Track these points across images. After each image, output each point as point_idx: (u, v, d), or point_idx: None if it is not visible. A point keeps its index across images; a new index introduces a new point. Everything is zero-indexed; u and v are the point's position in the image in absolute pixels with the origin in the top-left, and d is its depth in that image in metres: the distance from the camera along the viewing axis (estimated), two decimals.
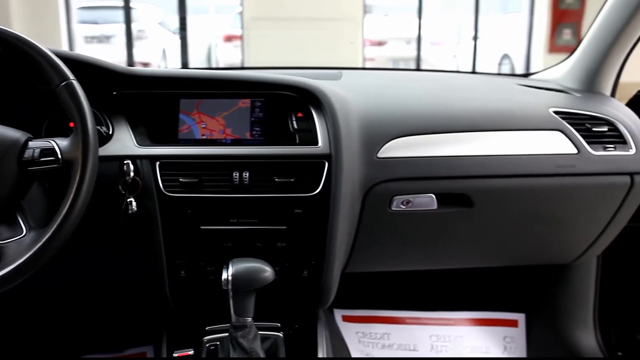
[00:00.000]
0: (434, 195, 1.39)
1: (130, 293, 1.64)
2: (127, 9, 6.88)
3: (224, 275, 1.13)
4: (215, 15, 11.11)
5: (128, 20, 6.88)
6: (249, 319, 1.16)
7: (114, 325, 1.83)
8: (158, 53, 8.98)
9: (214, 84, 1.36)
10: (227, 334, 1.21)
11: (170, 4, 7.14)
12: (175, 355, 1.29)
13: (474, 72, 5.95)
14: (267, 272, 1.15)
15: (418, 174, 1.37)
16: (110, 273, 1.47)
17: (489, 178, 1.41)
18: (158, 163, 1.25)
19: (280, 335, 1.33)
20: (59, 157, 1.04)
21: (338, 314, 2.02)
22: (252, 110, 1.33)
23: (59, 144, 1.05)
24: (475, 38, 7.69)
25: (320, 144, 1.29)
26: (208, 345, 1.30)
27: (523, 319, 2.01)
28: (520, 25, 7.51)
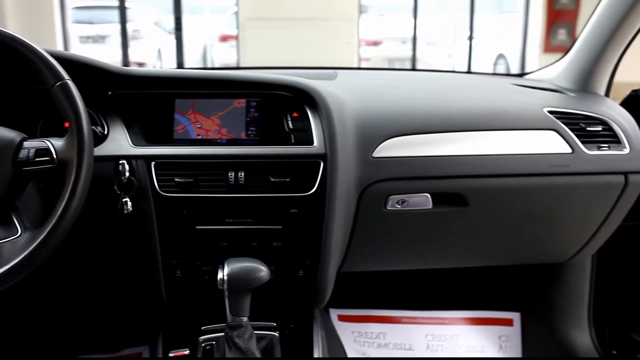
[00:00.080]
0: (429, 195, 1.40)
1: (126, 293, 1.63)
2: (122, 9, 6.88)
3: (220, 275, 1.13)
4: (211, 15, 11.08)
5: (123, 20, 6.88)
6: (245, 319, 1.16)
7: (110, 326, 1.83)
8: (153, 53, 8.96)
9: (210, 84, 1.36)
10: (222, 334, 1.22)
11: (166, 4, 7.13)
12: (171, 355, 1.29)
13: (469, 72, 5.97)
14: (262, 271, 1.15)
15: (413, 174, 1.38)
16: (106, 273, 1.46)
17: (484, 177, 1.41)
18: (153, 163, 1.25)
19: (276, 335, 1.33)
20: (54, 157, 1.03)
21: (334, 314, 2.02)
22: (247, 110, 1.33)
23: (54, 144, 1.05)
24: (471, 38, 7.71)
25: (316, 144, 1.29)
26: (204, 345, 1.30)
27: (518, 318, 2.02)
28: (516, 25, 7.53)
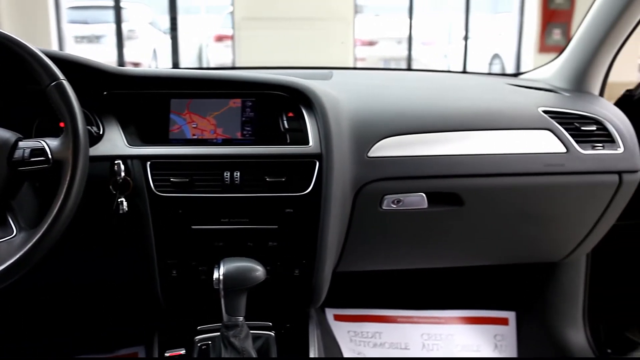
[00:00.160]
0: (425, 194, 1.40)
1: (122, 293, 1.63)
2: (117, 9, 6.85)
3: (216, 275, 1.14)
4: (206, 15, 11.08)
5: (118, 20, 6.85)
6: (241, 318, 1.16)
7: (106, 326, 1.83)
8: (149, 53, 8.95)
9: (205, 84, 1.36)
10: (218, 334, 1.22)
11: (161, 4, 7.13)
12: (167, 355, 1.29)
13: (465, 71, 5.98)
14: (258, 271, 1.15)
15: (408, 173, 1.38)
16: (102, 273, 1.46)
17: (479, 177, 1.42)
18: (149, 163, 1.25)
19: (272, 335, 1.33)
20: (50, 157, 1.03)
21: (330, 313, 2.02)
22: (243, 110, 1.33)
23: (50, 144, 1.05)
24: (466, 38, 7.72)
25: (311, 144, 1.29)
26: (200, 345, 1.31)
27: (513, 317, 2.03)
28: (511, 25, 7.53)
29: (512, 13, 7.54)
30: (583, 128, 1.48)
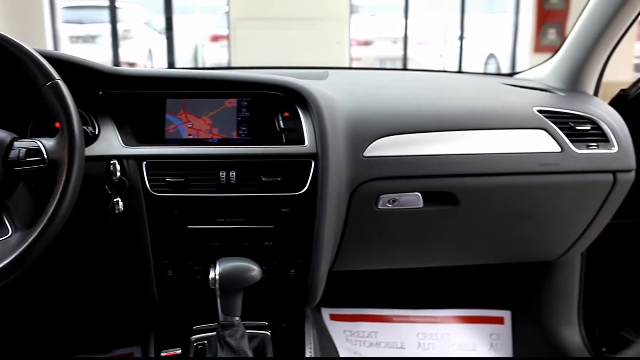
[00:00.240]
0: (420, 194, 1.41)
1: (118, 293, 1.63)
2: (112, 9, 6.85)
3: (211, 275, 1.14)
4: (202, 15, 11.06)
5: (114, 20, 6.85)
6: (237, 318, 1.16)
7: (102, 326, 1.82)
8: (144, 53, 8.93)
9: (201, 84, 1.36)
10: (214, 333, 1.22)
11: (156, 4, 7.11)
12: (163, 355, 1.29)
13: (460, 71, 5.99)
14: (254, 271, 1.15)
15: (404, 173, 1.38)
16: (97, 273, 1.46)
17: (474, 176, 1.42)
18: (144, 163, 1.24)
19: (268, 334, 1.33)
20: (45, 157, 1.03)
21: (325, 313, 2.02)
22: (238, 110, 1.33)
23: (45, 144, 1.04)
24: (461, 38, 7.74)
25: (307, 143, 1.29)
26: (196, 345, 1.30)
27: (509, 316, 2.03)
28: (506, 25, 7.56)
29: (507, 13, 7.56)
30: (578, 127, 1.49)
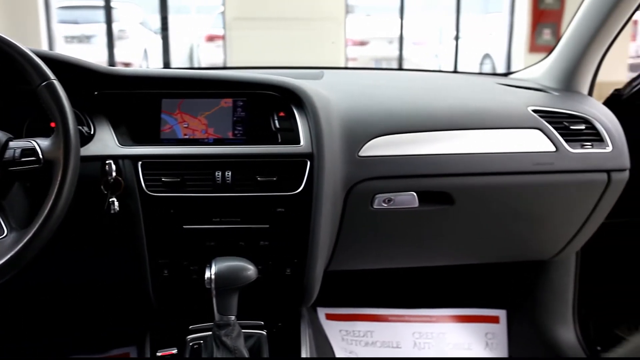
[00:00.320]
0: (415, 193, 1.41)
1: (113, 293, 1.63)
2: (108, 9, 6.84)
3: (207, 274, 1.14)
4: (197, 15, 11.05)
5: (109, 20, 6.83)
6: (232, 318, 1.16)
7: (97, 326, 1.82)
8: (139, 53, 8.92)
9: (196, 84, 1.36)
10: (210, 333, 1.22)
11: (152, 4, 7.11)
12: (159, 355, 1.29)
13: (456, 71, 6.00)
14: (249, 270, 1.15)
15: (399, 172, 1.39)
16: (93, 273, 1.46)
17: (469, 176, 1.42)
18: (140, 163, 1.24)
19: (264, 334, 1.33)
20: (40, 157, 1.03)
21: (321, 312, 2.02)
22: (234, 110, 1.33)
23: (40, 144, 1.04)
24: (457, 38, 7.75)
25: (302, 143, 1.29)
26: (192, 344, 1.30)
27: (504, 315, 2.04)
28: (501, 25, 7.57)
29: (502, 13, 7.58)
30: (572, 127, 1.49)
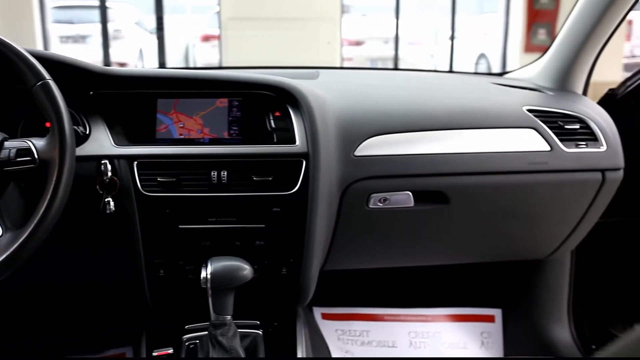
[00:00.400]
0: (411, 193, 1.41)
1: (109, 293, 1.63)
2: (103, 9, 6.81)
3: (203, 274, 1.14)
4: (193, 15, 11.04)
5: (104, 20, 6.81)
6: (228, 317, 1.17)
7: (93, 327, 1.82)
8: (135, 53, 8.91)
9: (192, 84, 1.36)
10: (206, 333, 1.22)
11: (147, 4, 7.08)
12: (155, 355, 1.29)
13: (451, 71, 6.01)
14: (245, 270, 1.16)
15: (395, 172, 1.39)
16: (89, 273, 1.46)
17: (464, 175, 1.43)
18: (136, 163, 1.24)
19: (260, 333, 1.33)
20: (36, 157, 1.03)
21: (317, 312, 2.02)
22: (229, 110, 1.34)
23: (36, 144, 1.04)
24: (452, 38, 7.75)
25: (298, 143, 1.30)
26: (187, 344, 1.30)
27: (499, 314, 2.04)
28: (496, 25, 7.59)
29: (497, 13, 7.59)
30: (567, 126, 1.50)
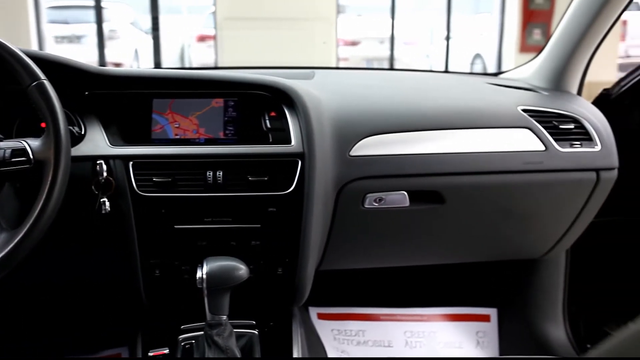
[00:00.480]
0: (406, 193, 1.41)
1: (105, 294, 1.63)
2: (98, 9, 6.81)
3: (199, 274, 1.14)
4: (188, 15, 11.04)
5: (99, 20, 6.81)
6: (224, 317, 1.17)
7: (89, 327, 1.82)
8: (130, 53, 8.90)
9: (187, 84, 1.36)
10: (202, 333, 1.22)
11: (143, 4, 7.08)
12: (151, 355, 1.29)
13: (447, 71, 6.02)
14: (241, 270, 1.16)
15: (390, 172, 1.39)
16: (84, 273, 1.46)
17: (460, 175, 1.43)
18: (131, 163, 1.24)
19: (256, 333, 1.33)
20: (31, 157, 1.03)
21: (313, 312, 2.03)
22: (225, 110, 1.34)
23: (31, 144, 1.04)
24: (448, 38, 7.77)
25: (293, 143, 1.30)
26: (183, 344, 1.30)
27: (495, 314, 2.04)
28: (492, 26, 7.60)
29: (493, 13, 7.61)
30: (561, 126, 1.50)
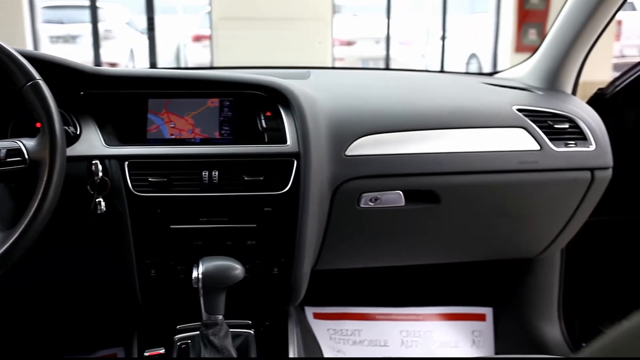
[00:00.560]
0: (402, 192, 1.42)
1: (100, 294, 1.62)
2: (93, 9, 6.78)
3: (194, 274, 1.14)
4: (184, 15, 11.03)
5: (95, 20, 6.78)
6: (220, 317, 1.17)
7: (84, 328, 1.81)
8: (126, 53, 8.88)
9: (183, 84, 1.36)
10: (198, 333, 1.22)
11: (138, 4, 7.06)
12: (146, 355, 1.29)
13: (442, 71, 6.03)
14: (237, 270, 1.16)
15: (385, 172, 1.39)
16: (80, 273, 1.45)
17: (455, 175, 1.43)
18: (127, 163, 1.24)
19: (252, 333, 1.33)
20: (26, 157, 1.03)
21: (309, 312, 2.03)
22: (220, 110, 1.34)
23: (26, 145, 1.04)
24: (443, 38, 7.78)
25: (289, 143, 1.30)
26: (179, 344, 1.30)
27: (490, 313, 2.05)
28: (487, 26, 7.62)
29: (488, 13, 7.62)
30: (556, 126, 1.51)
